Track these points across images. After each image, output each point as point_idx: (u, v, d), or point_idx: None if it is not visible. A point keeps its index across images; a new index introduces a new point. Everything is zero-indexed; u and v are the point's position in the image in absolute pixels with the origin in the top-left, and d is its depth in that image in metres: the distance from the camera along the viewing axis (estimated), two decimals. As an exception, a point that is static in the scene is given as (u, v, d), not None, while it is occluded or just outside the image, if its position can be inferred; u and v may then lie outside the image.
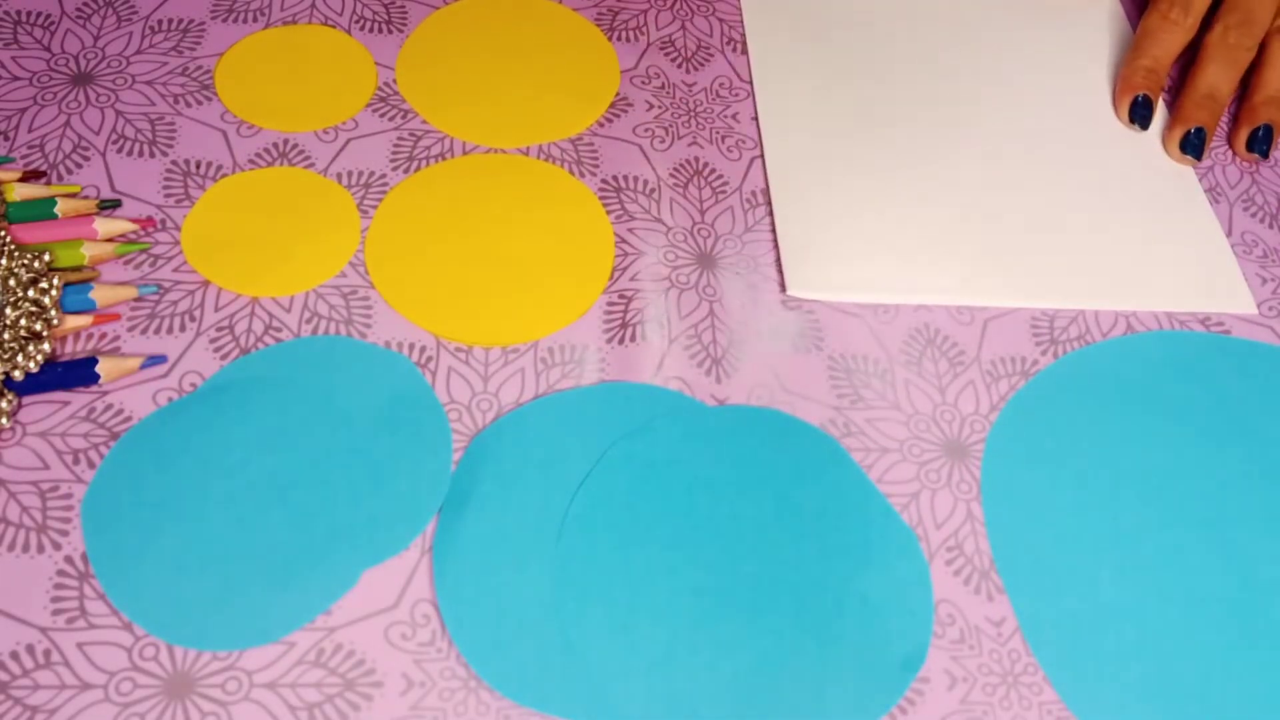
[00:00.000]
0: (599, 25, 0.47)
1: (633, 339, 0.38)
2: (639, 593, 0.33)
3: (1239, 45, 0.46)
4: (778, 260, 0.40)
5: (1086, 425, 0.38)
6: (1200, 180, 0.46)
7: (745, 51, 0.48)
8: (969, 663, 0.32)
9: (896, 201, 0.43)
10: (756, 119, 0.45)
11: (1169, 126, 0.46)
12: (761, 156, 0.44)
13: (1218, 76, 0.46)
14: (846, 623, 0.33)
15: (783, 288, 0.40)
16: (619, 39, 0.47)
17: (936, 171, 0.44)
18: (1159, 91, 0.47)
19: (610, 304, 0.39)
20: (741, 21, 0.49)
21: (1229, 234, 0.44)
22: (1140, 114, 0.46)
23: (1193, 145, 0.45)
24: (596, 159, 0.43)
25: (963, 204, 0.43)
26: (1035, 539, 0.35)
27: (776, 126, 0.45)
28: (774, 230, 0.41)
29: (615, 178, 0.42)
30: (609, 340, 0.38)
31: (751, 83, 0.46)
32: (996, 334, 0.40)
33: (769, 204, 0.42)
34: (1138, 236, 0.43)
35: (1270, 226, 0.44)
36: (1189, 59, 0.48)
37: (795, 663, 0.32)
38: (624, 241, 0.40)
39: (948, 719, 0.31)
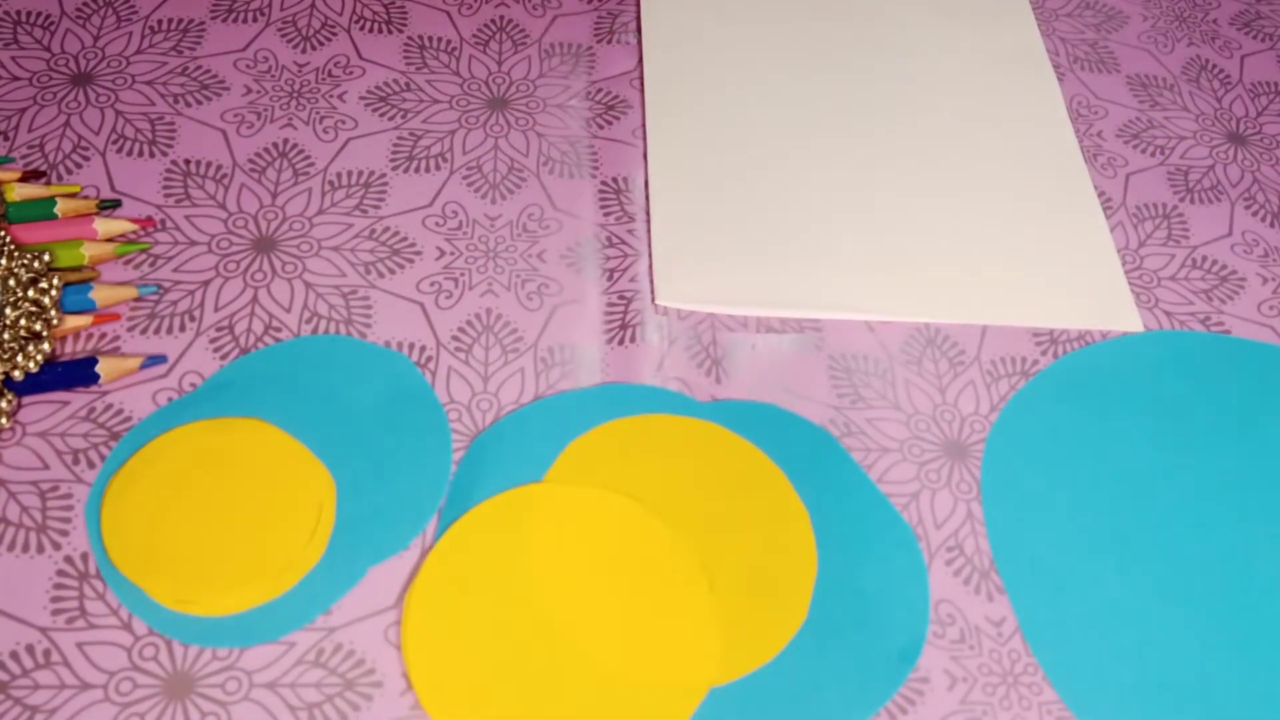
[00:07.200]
0: (598, 28, 0.47)
1: (632, 340, 0.38)
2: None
3: None
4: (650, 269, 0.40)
5: (1086, 425, 0.38)
6: (1202, 178, 0.45)
7: None
8: (969, 663, 0.32)
9: (778, 210, 0.42)
10: (644, 118, 0.44)
11: None
12: (645, 162, 0.43)
13: None
14: (844, 615, 0.33)
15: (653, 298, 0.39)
16: (618, 41, 0.47)
17: (822, 180, 0.43)
18: None
19: (610, 304, 0.39)
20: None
21: (1229, 233, 0.44)
22: None
23: None
24: (596, 159, 0.43)
25: (849, 214, 0.42)
26: (1035, 539, 0.35)
27: (662, 130, 0.43)
28: (649, 239, 0.40)
29: (615, 179, 0.42)
30: (609, 341, 0.38)
31: (642, 78, 0.45)
32: (996, 334, 0.39)
33: (647, 212, 0.41)
34: (1029, 251, 0.42)
35: (1271, 225, 0.44)
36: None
37: (792, 654, 0.32)
38: (623, 242, 0.40)
39: (948, 719, 0.31)
